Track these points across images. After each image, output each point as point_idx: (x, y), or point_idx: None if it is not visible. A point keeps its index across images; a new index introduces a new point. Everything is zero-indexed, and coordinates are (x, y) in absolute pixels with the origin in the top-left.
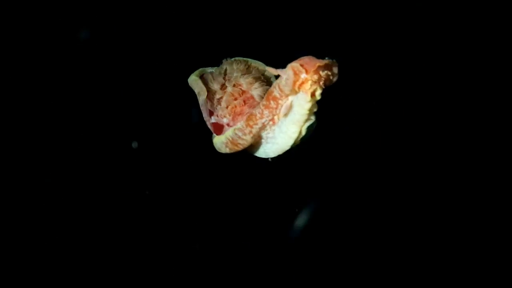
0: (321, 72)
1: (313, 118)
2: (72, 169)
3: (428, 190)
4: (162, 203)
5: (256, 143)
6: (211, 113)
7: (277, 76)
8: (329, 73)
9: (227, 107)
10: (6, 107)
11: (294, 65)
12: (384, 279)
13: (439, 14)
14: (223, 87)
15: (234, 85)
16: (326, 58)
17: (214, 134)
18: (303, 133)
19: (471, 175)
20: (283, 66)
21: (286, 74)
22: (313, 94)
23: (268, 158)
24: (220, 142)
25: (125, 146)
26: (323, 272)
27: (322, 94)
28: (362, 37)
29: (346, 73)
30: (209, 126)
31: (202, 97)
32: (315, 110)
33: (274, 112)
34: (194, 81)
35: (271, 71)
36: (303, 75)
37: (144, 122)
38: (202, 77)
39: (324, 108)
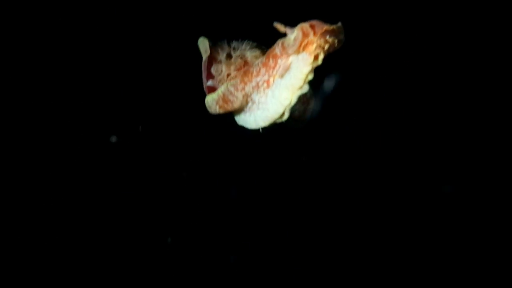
0: (327, 37)
1: (306, 87)
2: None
3: (428, 189)
4: (150, 171)
5: (247, 109)
6: (210, 76)
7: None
8: (335, 39)
9: (227, 76)
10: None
11: (304, 25)
12: (379, 278)
13: (439, 13)
14: (228, 57)
15: (239, 57)
16: (334, 24)
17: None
18: (293, 101)
19: (470, 175)
20: None
21: (295, 33)
22: (315, 58)
23: (259, 130)
24: (212, 99)
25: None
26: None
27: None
28: (363, 37)
29: (346, 72)
30: (205, 89)
31: (204, 57)
32: (310, 78)
33: (270, 73)
34: (201, 42)
35: (279, 28)
36: (311, 37)
37: (140, 87)
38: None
39: (324, 108)
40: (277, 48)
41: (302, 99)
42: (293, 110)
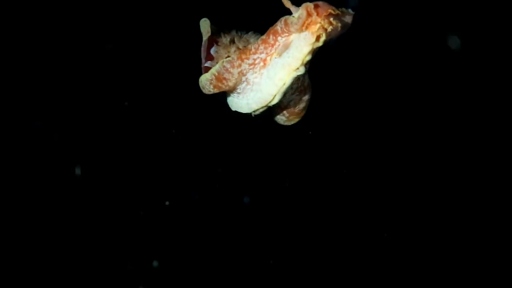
0: (331, 19)
1: (302, 69)
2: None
3: (425, 190)
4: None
5: (241, 90)
6: (209, 58)
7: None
8: (339, 23)
9: (226, 58)
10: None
11: (309, 4)
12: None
13: (438, 13)
14: (231, 42)
15: (242, 41)
16: (343, 8)
17: None
18: (288, 83)
19: (469, 177)
20: None
21: (299, 12)
22: (317, 39)
23: (251, 114)
24: (205, 79)
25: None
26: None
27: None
28: (362, 39)
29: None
30: (202, 70)
31: (204, 38)
32: (308, 59)
33: (268, 51)
34: (202, 23)
35: (285, 3)
36: (315, 16)
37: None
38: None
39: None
40: (279, 24)
41: (299, 87)
42: (288, 100)
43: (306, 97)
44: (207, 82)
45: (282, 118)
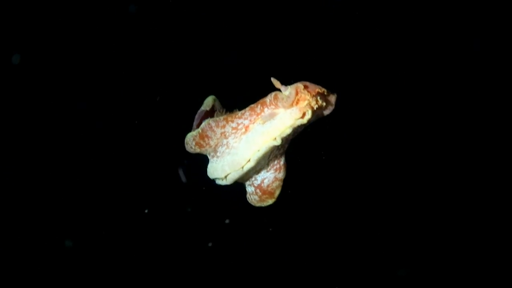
0: (318, 98)
1: (279, 141)
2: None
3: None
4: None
5: (220, 154)
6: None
7: None
8: (325, 103)
9: None
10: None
11: (299, 85)
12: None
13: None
14: None
15: None
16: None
17: None
18: (262, 151)
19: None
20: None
21: (288, 91)
22: (303, 115)
23: (222, 181)
24: (190, 135)
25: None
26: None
27: None
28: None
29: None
30: None
31: (202, 109)
32: (288, 132)
33: (253, 118)
34: (208, 98)
35: (274, 83)
36: (304, 94)
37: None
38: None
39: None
40: (269, 97)
41: (274, 164)
42: (262, 176)
43: (280, 176)
44: (191, 138)
45: (255, 198)
